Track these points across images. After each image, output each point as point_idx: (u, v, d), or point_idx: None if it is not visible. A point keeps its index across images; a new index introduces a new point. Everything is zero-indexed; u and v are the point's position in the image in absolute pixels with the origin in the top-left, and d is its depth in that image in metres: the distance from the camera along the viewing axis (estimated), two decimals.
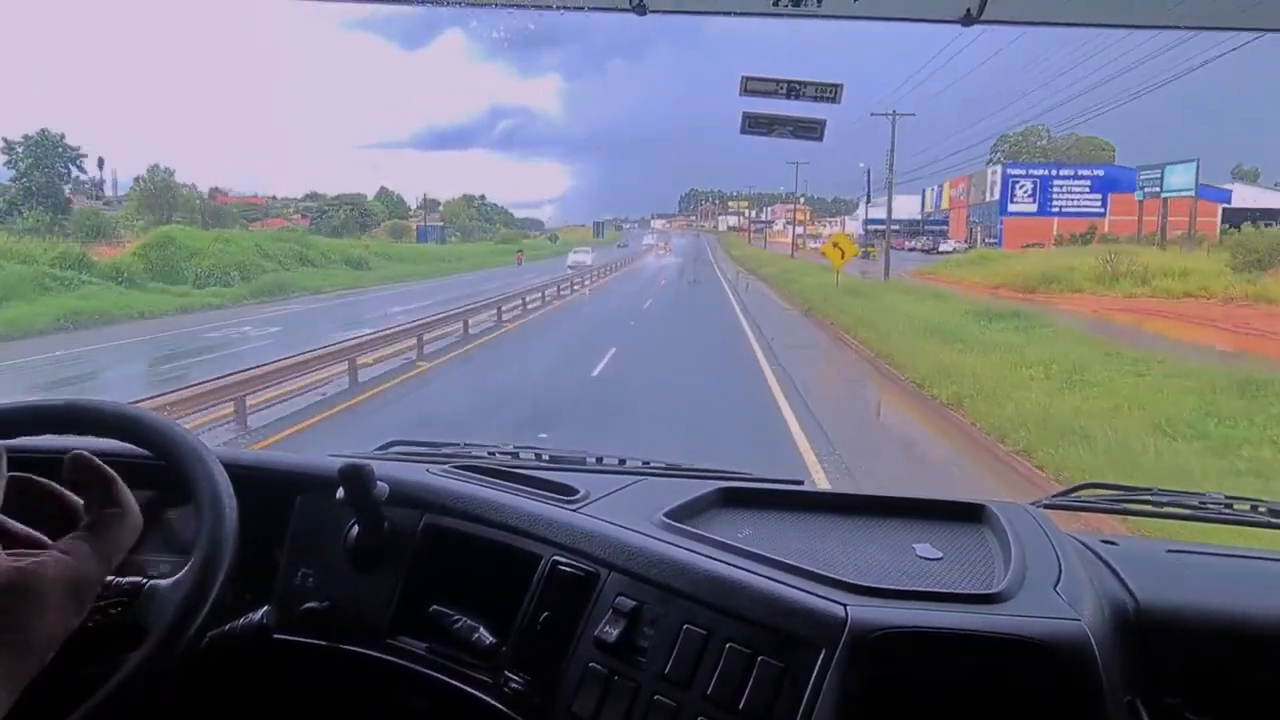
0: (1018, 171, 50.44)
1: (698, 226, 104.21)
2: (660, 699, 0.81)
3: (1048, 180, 50.85)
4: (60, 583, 0.47)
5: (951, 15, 0.95)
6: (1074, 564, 0.90)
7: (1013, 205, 50.83)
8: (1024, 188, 51.36)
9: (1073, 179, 51.12)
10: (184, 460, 0.79)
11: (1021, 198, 51.31)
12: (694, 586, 0.86)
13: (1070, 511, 1.28)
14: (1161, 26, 0.99)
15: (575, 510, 1.04)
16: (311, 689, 1.08)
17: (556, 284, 22.71)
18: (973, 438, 7.23)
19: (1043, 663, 0.73)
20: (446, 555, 1.06)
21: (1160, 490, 1.27)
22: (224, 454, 0.91)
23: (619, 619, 0.88)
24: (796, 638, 0.77)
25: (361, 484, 0.99)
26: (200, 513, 0.77)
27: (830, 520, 1.06)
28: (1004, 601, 0.79)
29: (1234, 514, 1.21)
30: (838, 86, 1.26)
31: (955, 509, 1.08)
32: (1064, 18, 1.05)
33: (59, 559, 0.48)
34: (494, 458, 1.37)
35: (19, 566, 0.46)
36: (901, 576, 0.87)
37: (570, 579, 0.95)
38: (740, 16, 0.99)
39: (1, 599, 0.44)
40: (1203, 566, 1.02)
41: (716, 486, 1.13)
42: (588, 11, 0.95)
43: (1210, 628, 0.85)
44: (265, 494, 1.03)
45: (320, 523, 1.09)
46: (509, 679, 0.93)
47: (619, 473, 1.33)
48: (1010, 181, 51.09)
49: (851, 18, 0.98)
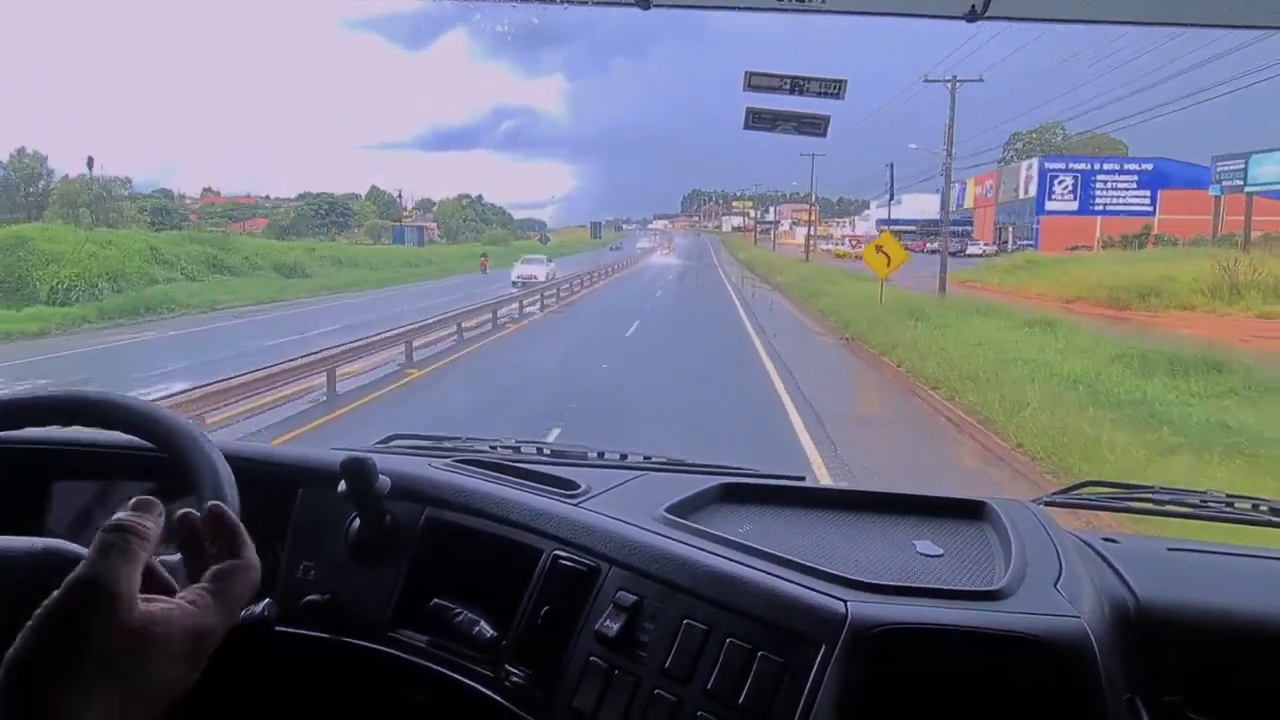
0: (1056, 165, 45.26)
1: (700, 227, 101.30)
2: (660, 693, 0.81)
3: (1090, 175, 45.71)
4: (187, 633, 0.46)
5: (955, 11, 0.92)
6: (1074, 561, 0.89)
7: (1050, 203, 45.71)
8: (1063, 183, 46.22)
9: (1118, 173, 45.87)
10: (187, 453, 0.79)
11: (1061, 194, 46.16)
12: (694, 582, 0.85)
13: (1071, 509, 1.29)
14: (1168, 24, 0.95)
15: (576, 505, 1.04)
16: (312, 682, 1.07)
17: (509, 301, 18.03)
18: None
19: (1043, 660, 0.73)
20: (448, 549, 1.05)
21: (1161, 488, 1.28)
22: (226, 447, 0.90)
23: (620, 613, 0.87)
24: (797, 633, 0.77)
25: (363, 477, 0.99)
26: (202, 506, 0.76)
27: (831, 516, 1.06)
28: (1004, 598, 0.79)
29: (1235, 512, 1.22)
30: (841, 82, 1.26)
31: (956, 506, 1.07)
32: (1068, 14, 1.03)
33: (186, 609, 0.47)
34: (495, 452, 1.37)
35: (150, 611, 0.45)
36: (902, 573, 0.87)
37: (571, 573, 0.95)
38: (744, 11, 0.97)
39: (131, 642, 0.43)
40: (1203, 565, 1.01)
41: (718, 482, 1.13)
42: (592, 5, 0.93)
43: (1211, 626, 0.85)
44: (267, 487, 1.03)
45: (322, 516, 1.09)
46: (510, 673, 0.94)
47: (620, 468, 1.32)
48: (1048, 177, 45.91)
49: (855, 13, 0.96)
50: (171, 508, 0.96)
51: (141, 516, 0.48)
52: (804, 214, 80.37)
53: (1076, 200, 44.40)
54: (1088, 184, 44.22)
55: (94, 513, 1.12)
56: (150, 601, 0.46)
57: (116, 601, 0.43)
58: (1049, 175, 43.92)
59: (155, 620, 0.45)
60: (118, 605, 0.43)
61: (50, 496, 1.13)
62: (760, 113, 1.31)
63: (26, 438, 1.03)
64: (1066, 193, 44.67)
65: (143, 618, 0.44)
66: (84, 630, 0.42)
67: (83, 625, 0.42)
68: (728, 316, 18.81)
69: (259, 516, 0.82)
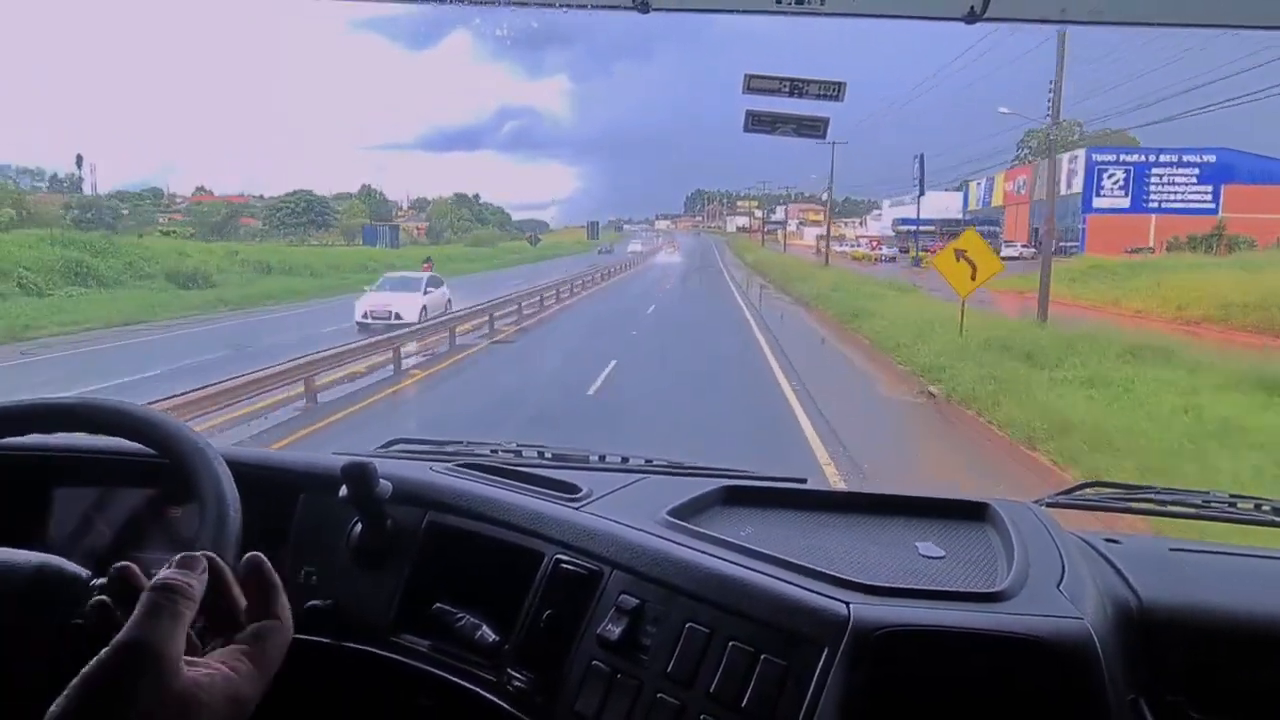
0: (1106, 158, 39.97)
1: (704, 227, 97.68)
2: (663, 697, 0.81)
3: (1144, 168, 40.38)
4: (228, 700, 0.46)
5: (955, 12, 0.93)
6: (1077, 562, 0.89)
7: (1098, 199, 40.33)
8: (1114, 177, 40.89)
9: (1176, 166, 40.43)
10: (190, 461, 0.80)
11: (1111, 190, 40.81)
12: (697, 585, 0.85)
13: (1073, 510, 1.26)
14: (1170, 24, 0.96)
15: (578, 508, 1.04)
16: (315, 687, 1.04)
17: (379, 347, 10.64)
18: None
19: (1046, 661, 0.72)
20: (449, 553, 1.05)
21: (1163, 489, 1.28)
22: (227, 452, 0.90)
23: (622, 617, 0.87)
24: (799, 636, 0.77)
25: (365, 482, 0.98)
26: (203, 515, 0.77)
27: (833, 518, 1.05)
28: (1007, 600, 0.79)
29: (1238, 512, 1.20)
30: (841, 84, 1.26)
31: (958, 507, 1.06)
32: (1068, 15, 1.02)
33: (228, 676, 0.46)
34: (496, 456, 1.35)
35: (195, 678, 0.44)
36: (904, 575, 0.87)
37: (573, 577, 0.94)
38: (743, 15, 0.97)
39: (175, 708, 0.43)
40: (1206, 565, 1.01)
41: (719, 485, 1.13)
42: (590, 10, 0.94)
43: (1214, 626, 0.84)
44: (268, 492, 1.03)
45: (323, 521, 1.08)
46: (512, 677, 0.93)
47: (622, 471, 1.31)
48: (1096, 171, 40.50)
49: (854, 15, 0.97)
50: (173, 513, 1.04)
51: (186, 575, 0.47)
52: (811, 213, 75.61)
53: (1128, 196, 39.23)
54: (1141, 178, 39.04)
55: (94, 519, 1.11)
56: (193, 666, 0.45)
57: (162, 665, 0.42)
58: (1097, 168, 38.72)
59: (199, 687, 0.44)
60: (163, 669, 0.42)
61: (51, 503, 1.11)
62: (759, 115, 1.33)
63: (26, 444, 1.00)
64: (1117, 188, 39.51)
65: (187, 684, 0.43)
66: (130, 693, 0.41)
67: (129, 688, 0.42)
68: (748, 361, 11.96)
69: (260, 522, 0.85)
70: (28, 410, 0.82)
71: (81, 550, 1.06)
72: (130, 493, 1.10)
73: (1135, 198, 39.83)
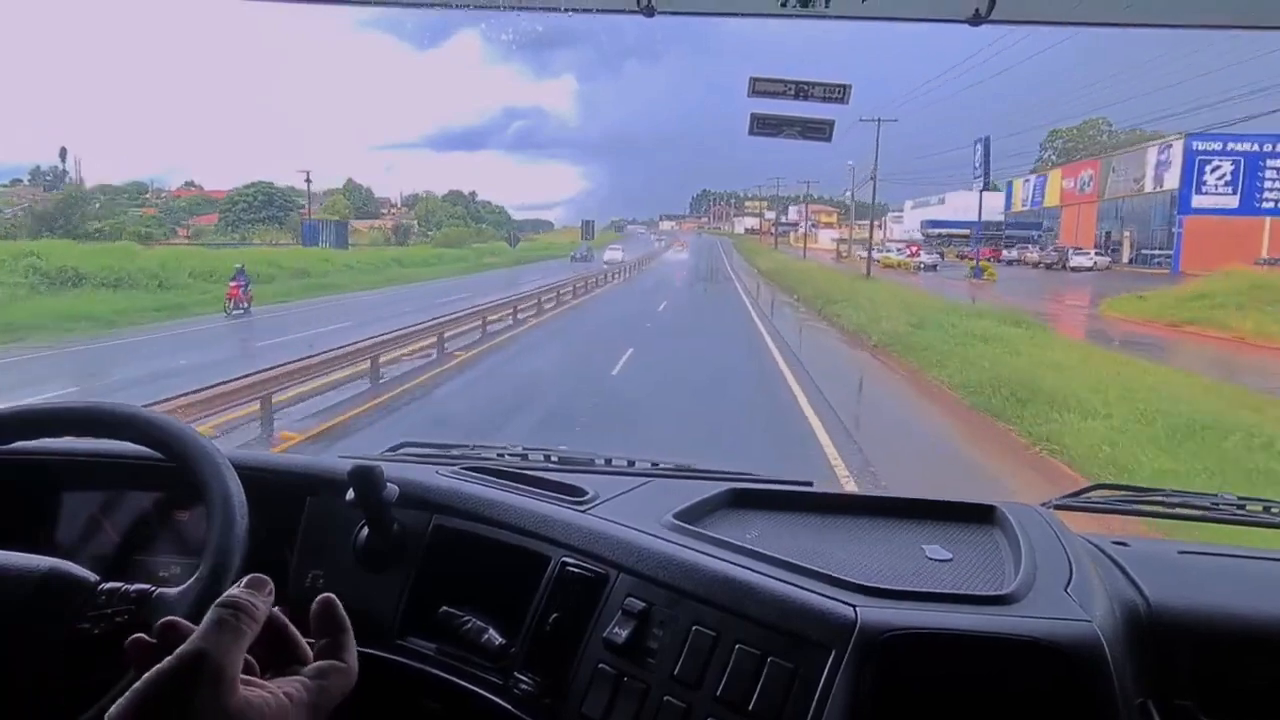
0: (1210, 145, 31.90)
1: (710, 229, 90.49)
2: (670, 700, 0.81)
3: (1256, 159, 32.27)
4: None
5: (960, 15, 0.93)
6: (1085, 565, 0.89)
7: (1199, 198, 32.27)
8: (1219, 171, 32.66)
9: None
10: (197, 464, 0.80)
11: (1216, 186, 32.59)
12: (703, 588, 0.85)
13: (1081, 512, 1.26)
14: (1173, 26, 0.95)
15: (584, 511, 1.04)
16: None
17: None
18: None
19: (1054, 664, 0.72)
20: (456, 556, 1.05)
21: (1172, 491, 1.27)
22: (235, 456, 0.90)
23: (628, 620, 0.87)
24: (806, 639, 0.77)
25: (371, 485, 0.99)
26: (211, 519, 0.78)
27: (840, 521, 1.05)
28: (1014, 603, 0.79)
29: (1246, 515, 1.20)
30: (845, 87, 1.24)
31: (965, 510, 1.06)
32: (1073, 17, 1.03)
33: (283, 703, 0.46)
34: (503, 459, 1.36)
35: (249, 698, 0.44)
36: (911, 578, 0.87)
37: (579, 580, 0.95)
38: (748, 17, 0.96)
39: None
40: (1215, 568, 1.00)
41: (726, 488, 1.13)
42: (595, 13, 0.93)
43: (1222, 629, 0.84)
44: (275, 496, 1.04)
45: (330, 524, 1.09)
46: (518, 680, 0.93)
47: (628, 474, 1.32)
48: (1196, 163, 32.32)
49: (859, 18, 0.96)
50: (181, 516, 1.04)
51: (254, 595, 0.48)
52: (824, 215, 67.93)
53: (1237, 195, 31.42)
54: (1254, 171, 31.22)
55: (102, 523, 1.12)
56: (249, 686, 0.45)
57: (221, 679, 0.43)
58: (1198, 159, 30.93)
59: (252, 707, 0.44)
60: (222, 683, 0.43)
61: (59, 507, 1.12)
62: (765, 118, 1.30)
63: (33, 448, 1.03)
64: (1223, 184, 31.64)
65: (241, 704, 0.43)
66: (187, 703, 0.42)
67: (186, 698, 0.42)
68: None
69: (267, 525, 0.85)
70: (38, 415, 0.83)
71: (89, 554, 1.07)
72: (137, 496, 1.12)
73: (1246, 195, 31.85)
